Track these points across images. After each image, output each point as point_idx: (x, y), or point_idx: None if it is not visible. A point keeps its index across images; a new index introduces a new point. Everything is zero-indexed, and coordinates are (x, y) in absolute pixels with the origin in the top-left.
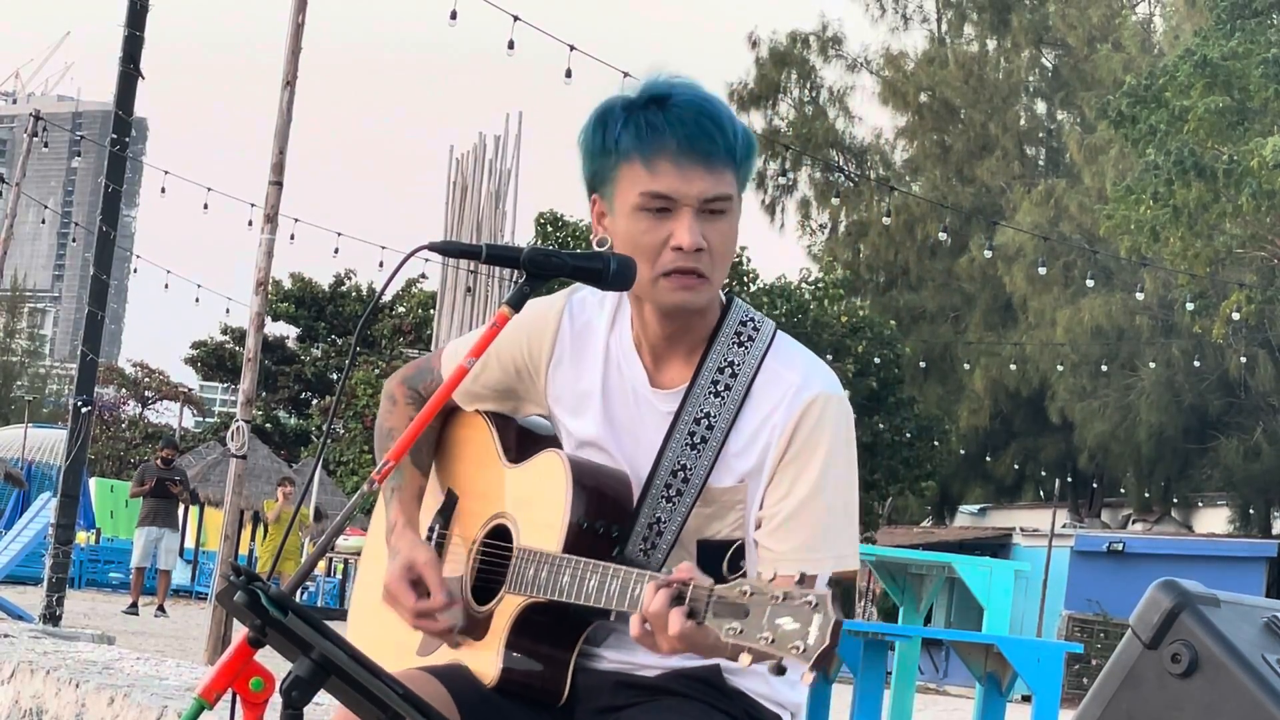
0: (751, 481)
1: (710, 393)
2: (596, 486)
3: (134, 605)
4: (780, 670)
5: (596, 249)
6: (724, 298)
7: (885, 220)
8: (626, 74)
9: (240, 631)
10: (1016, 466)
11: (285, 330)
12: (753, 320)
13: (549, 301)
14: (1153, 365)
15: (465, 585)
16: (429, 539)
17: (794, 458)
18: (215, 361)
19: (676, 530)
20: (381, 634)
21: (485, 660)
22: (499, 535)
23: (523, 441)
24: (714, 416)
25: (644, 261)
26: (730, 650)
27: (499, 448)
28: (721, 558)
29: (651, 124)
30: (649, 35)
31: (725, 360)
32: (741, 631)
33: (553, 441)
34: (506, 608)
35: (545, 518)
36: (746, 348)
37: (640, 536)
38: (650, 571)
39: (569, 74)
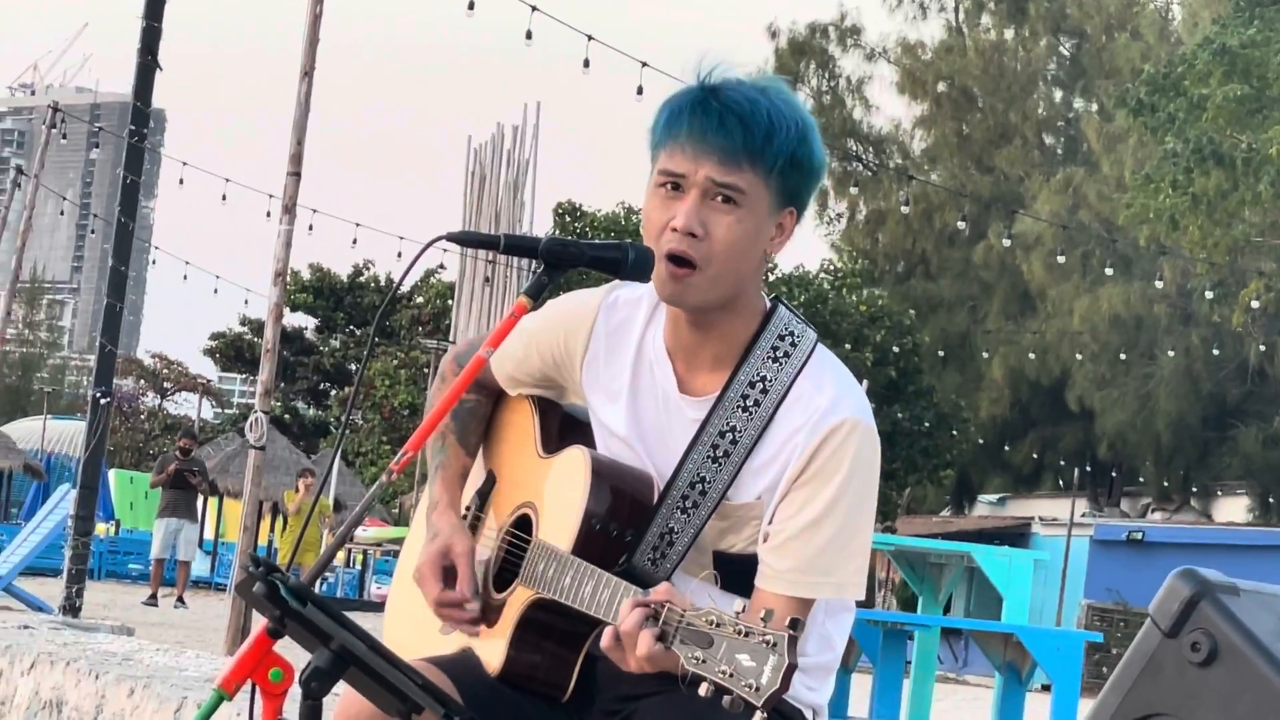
0: (768, 498)
1: (739, 406)
2: (616, 489)
3: (153, 596)
4: (735, 705)
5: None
6: (768, 304)
7: (904, 209)
8: (645, 64)
9: (260, 622)
10: (1035, 456)
11: (304, 321)
12: (793, 334)
13: (587, 295)
14: (1172, 354)
15: (490, 570)
16: (465, 517)
17: (809, 479)
18: (234, 352)
19: (688, 542)
20: (413, 607)
21: (493, 649)
22: (523, 525)
23: (563, 430)
24: (739, 431)
25: (651, 242)
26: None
27: (537, 436)
28: (739, 569)
29: (681, 111)
30: (667, 25)
31: (758, 374)
32: (703, 661)
33: (589, 434)
34: (517, 599)
35: (562, 514)
36: (781, 363)
37: (650, 545)
38: (637, 588)
39: (587, 64)
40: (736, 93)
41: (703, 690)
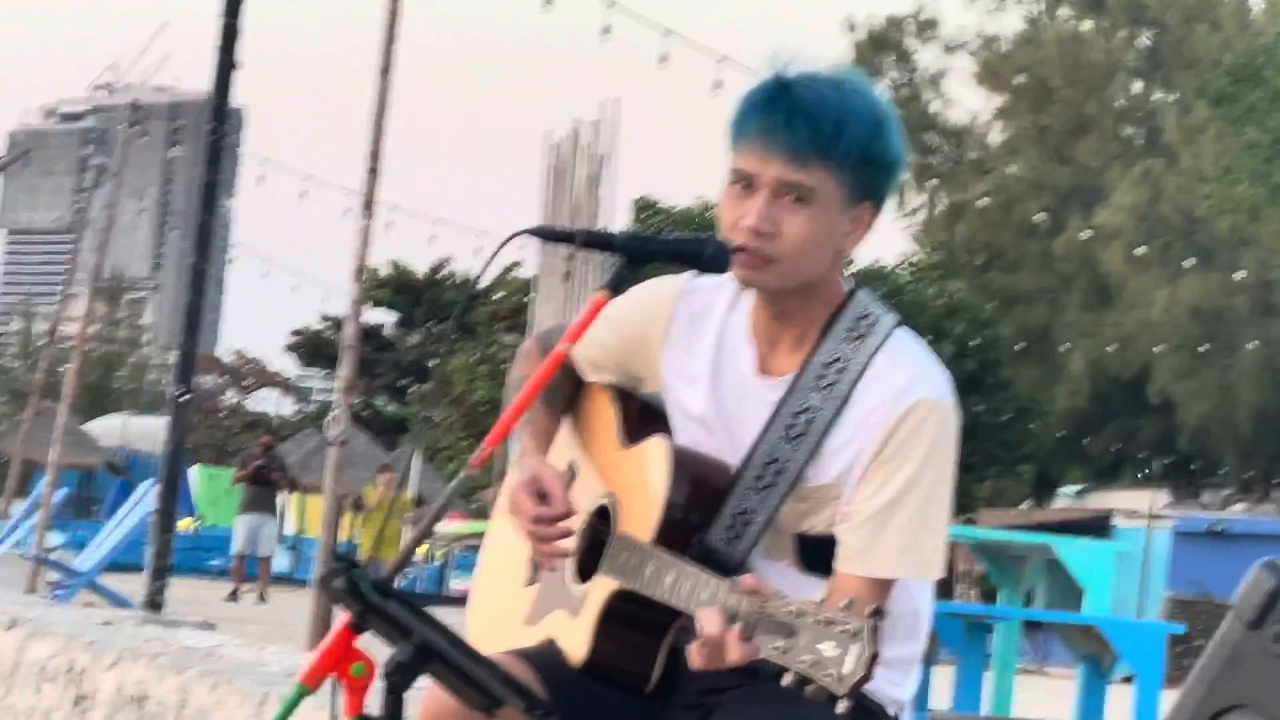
0: (845, 479)
1: (815, 386)
2: (696, 478)
3: (235, 592)
4: (818, 695)
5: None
6: (847, 290)
7: (982, 202)
8: (723, 57)
9: (341, 617)
10: (1115, 448)
11: (383, 317)
12: (870, 315)
13: (669, 281)
14: (1252, 345)
15: (572, 561)
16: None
17: (888, 459)
18: (313, 349)
19: (765, 522)
20: (496, 599)
21: (576, 639)
22: (604, 516)
23: (643, 422)
24: (815, 410)
25: (725, 233)
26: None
27: (618, 427)
28: (821, 551)
29: (752, 107)
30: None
31: (834, 355)
32: (786, 651)
33: (667, 424)
34: (600, 590)
35: (643, 506)
36: (858, 343)
37: (724, 525)
38: (717, 579)
39: (664, 59)
40: (807, 89)
41: (785, 680)
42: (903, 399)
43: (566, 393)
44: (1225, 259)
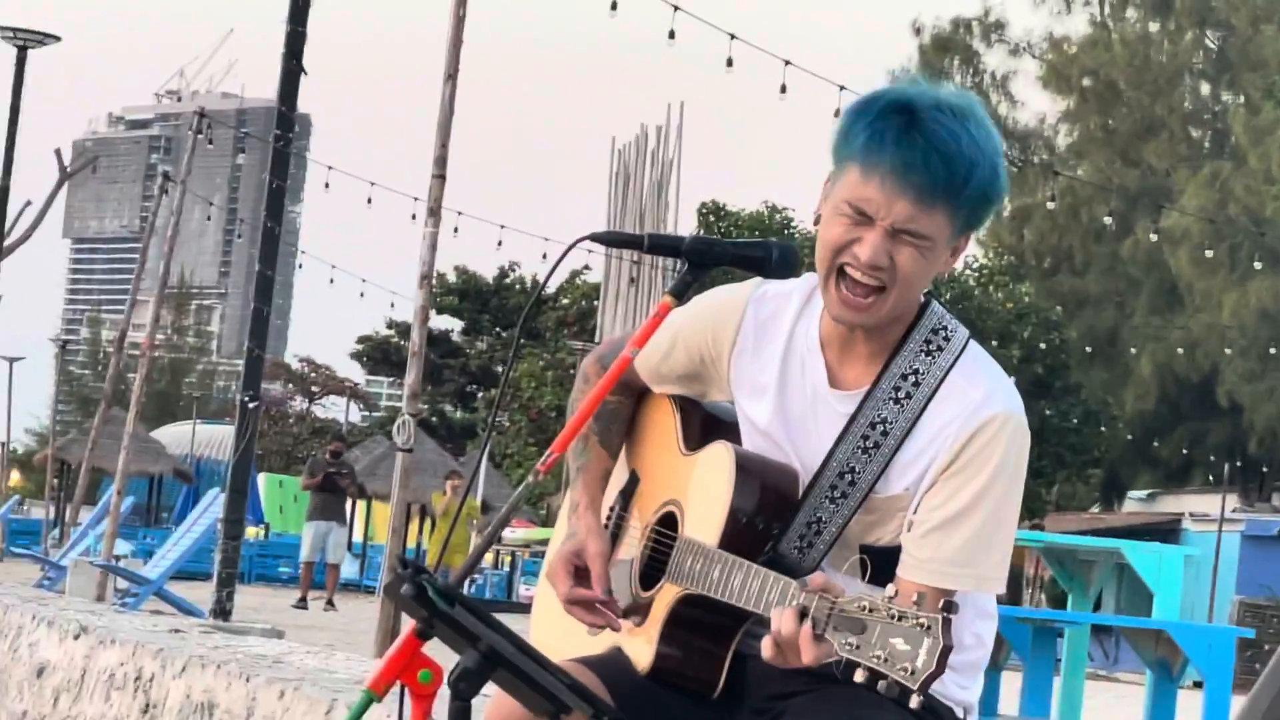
0: (914, 489)
1: (890, 398)
2: (761, 483)
3: (303, 599)
4: (890, 689)
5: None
6: (921, 299)
7: (1049, 204)
8: (788, 62)
9: (408, 624)
10: (1184, 451)
11: (450, 323)
12: (945, 329)
13: (736, 289)
14: None
15: (635, 569)
16: (609, 517)
17: (959, 470)
18: (380, 355)
19: (836, 532)
20: (559, 606)
21: (641, 647)
22: (667, 522)
23: (705, 429)
24: (890, 423)
25: (825, 256)
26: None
27: (680, 434)
28: (886, 561)
29: (883, 137)
30: (811, 23)
31: (910, 367)
32: (857, 647)
33: (733, 431)
34: (665, 596)
35: (708, 510)
36: (934, 357)
37: (797, 534)
38: (786, 578)
39: (730, 63)
40: (939, 125)
41: (858, 676)
42: (978, 414)
43: (625, 419)
44: None
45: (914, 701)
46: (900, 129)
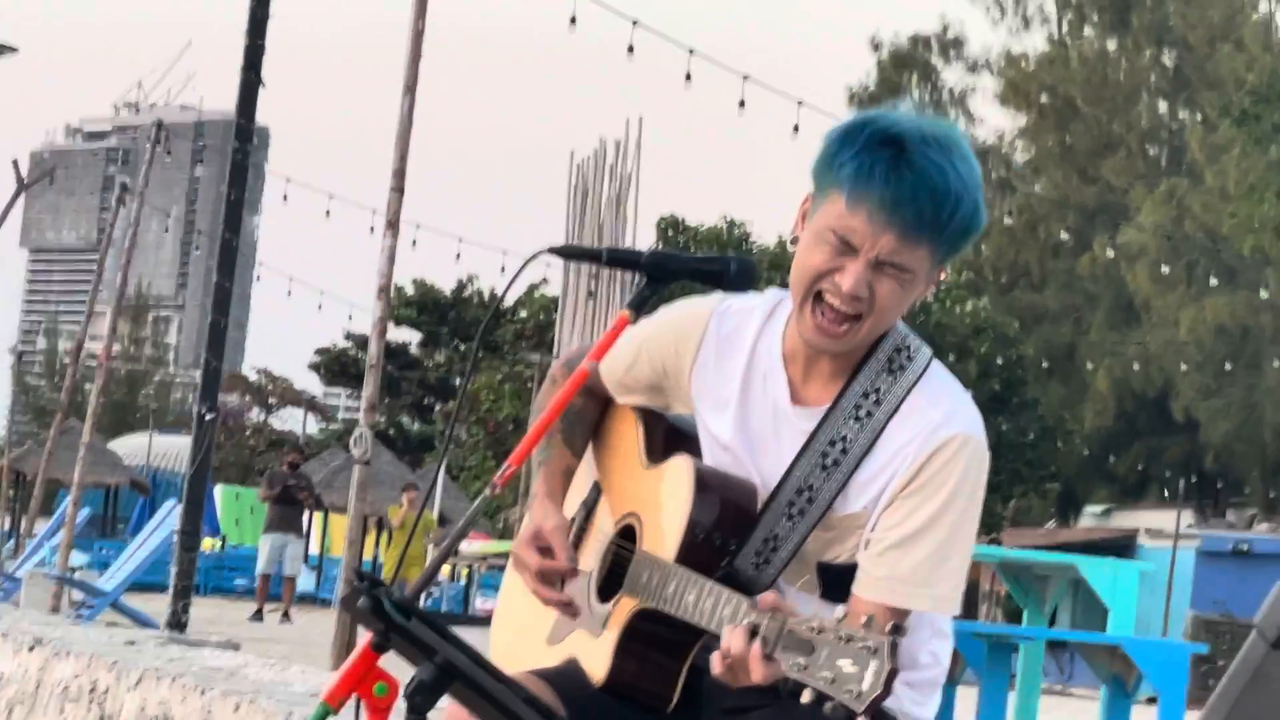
0: (872, 508)
1: (851, 416)
2: (720, 498)
3: (259, 612)
4: (836, 711)
5: (789, 240)
6: None
7: (1007, 220)
8: (747, 77)
9: (364, 637)
10: (1140, 467)
11: (408, 336)
12: (909, 348)
13: (700, 302)
14: (1277, 364)
15: (594, 581)
16: (570, 528)
17: (917, 490)
18: (338, 368)
19: (793, 549)
20: (519, 616)
21: (597, 659)
22: (627, 535)
23: (668, 441)
24: (850, 441)
25: (804, 281)
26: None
27: (642, 447)
28: (841, 579)
29: (872, 169)
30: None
31: (872, 386)
32: (805, 668)
33: (695, 444)
34: (622, 609)
35: (666, 524)
36: (896, 376)
37: (754, 550)
38: (739, 596)
39: (689, 78)
40: (927, 159)
41: (805, 697)
42: (938, 434)
43: (590, 422)
44: (1250, 278)
45: None
46: (889, 162)
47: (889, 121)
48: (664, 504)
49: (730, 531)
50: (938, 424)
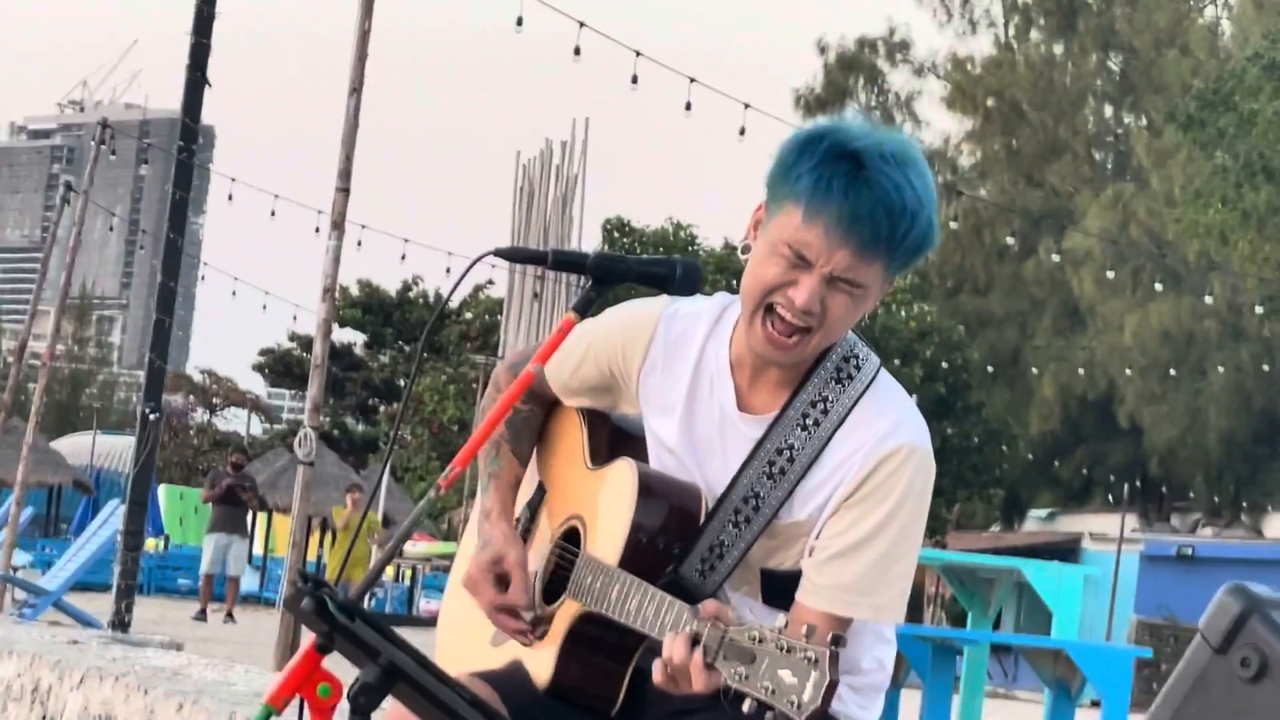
0: (817, 516)
1: (798, 425)
2: (664, 502)
3: (203, 612)
4: None
5: (740, 249)
6: None
7: (953, 224)
8: (694, 80)
9: (308, 638)
10: (1085, 471)
11: (353, 337)
12: (857, 357)
13: (648, 305)
14: (1222, 369)
15: (538, 582)
16: (516, 527)
17: (862, 499)
18: (283, 368)
19: (738, 557)
20: (465, 617)
21: (542, 661)
22: (571, 537)
23: (613, 443)
24: (797, 450)
25: (756, 292)
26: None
27: (586, 449)
28: (784, 585)
29: (830, 184)
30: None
31: (820, 395)
32: (746, 677)
33: (641, 446)
34: (566, 612)
35: (610, 527)
36: (844, 385)
37: (699, 558)
38: (681, 603)
39: (635, 80)
40: (886, 176)
41: (746, 706)
42: (884, 444)
43: (536, 428)
44: (1195, 283)
45: None
46: (847, 177)
47: (848, 135)
48: (608, 507)
49: (674, 536)
50: (884, 434)
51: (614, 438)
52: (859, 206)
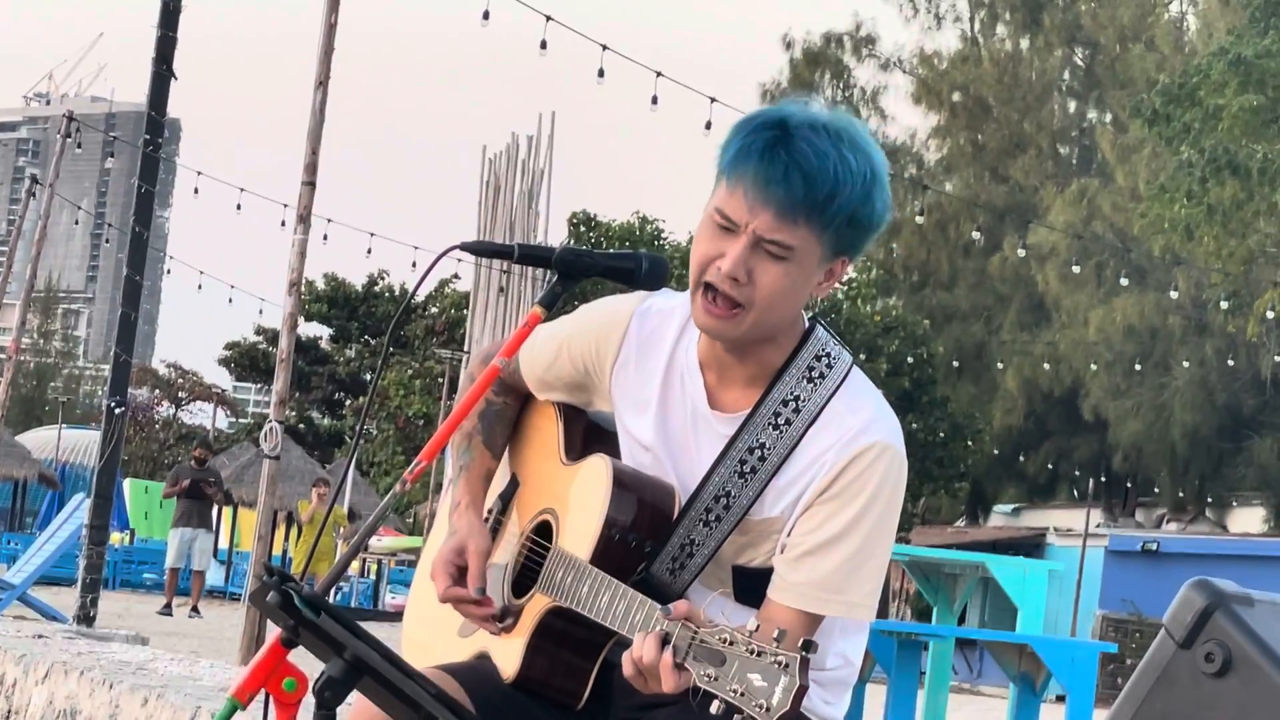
0: (789, 513)
1: (769, 424)
2: (637, 499)
3: (168, 606)
4: None
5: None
6: (806, 325)
7: (918, 219)
8: (659, 74)
9: (274, 632)
10: (1050, 466)
11: (318, 331)
12: (829, 355)
13: (621, 301)
14: (1186, 364)
15: (508, 575)
16: (487, 519)
17: (833, 497)
18: (248, 362)
19: (709, 555)
20: (433, 609)
21: (509, 654)
22: (543, 531)
23: (586, 439)
24: (768, 449)
25: (694, 269)
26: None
27: (561, 443)
28: (756, 583)
29: (750, 149)
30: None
31: (791, 394)
32: (715, 679)
33: (615, 442)
34: (535, 606)
35: (583, 523)
36: (816, 384)
37: (670, 556)
38: (653, 603)
39: (601, 74)
40: (808, 142)
41: (714, 708)
42: (856, 442)
43: (510, 420)
44: (1159, 278)
45: None
46: (766, 143)
47: (783, 110)
48: (581, 502)
49: (647, 533)
50: (856, 431)
51: (589, 433)
52: (774, 169)
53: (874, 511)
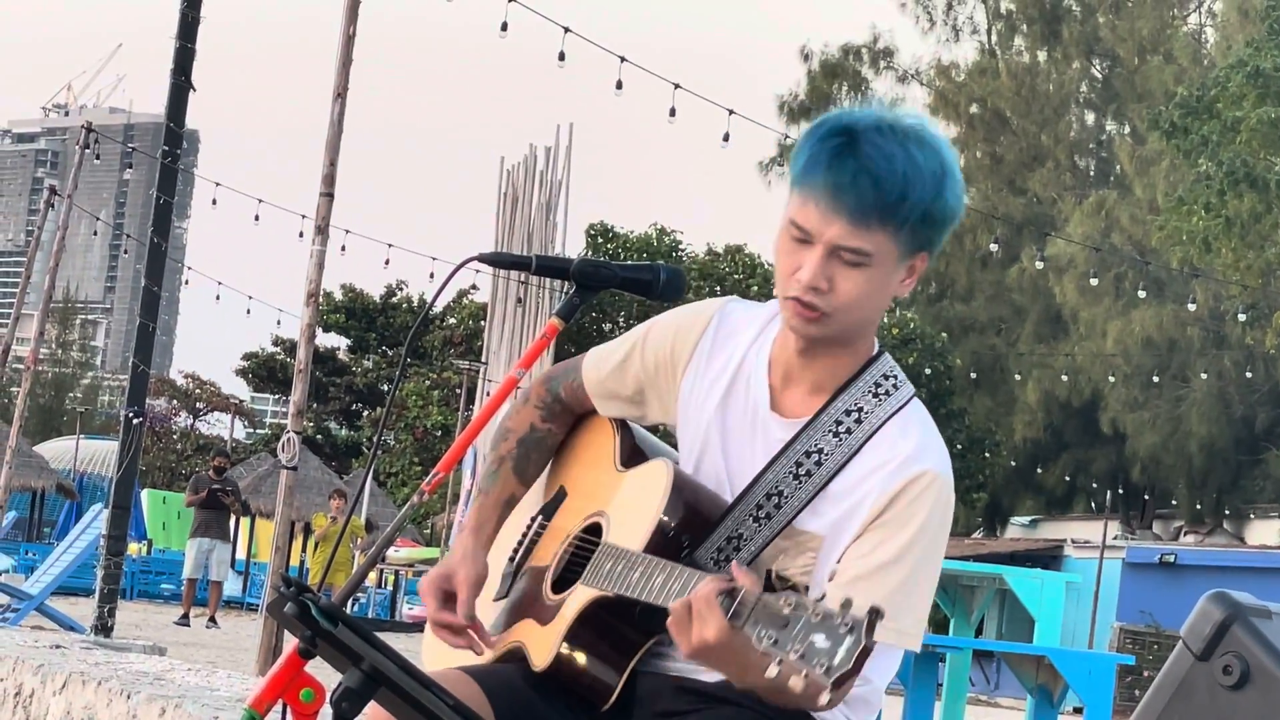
0: (831, 534)
1: (830, 431)
2: (692, 503)
3: (185, 616)
4: (800, 686)
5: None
6: (876, 347)
7: None
8: (677, 85)
9: (291, 643)
10: (1067, 478)
11: (336, 341)
12: (895, 377)
13: (706, 303)
14: (1204, 376)
15: (550, 574)
16: (528, 529)
17: (886, 523)
18: (266, 373)
19: (754, 552)
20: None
21: (543, 644)
22: (593, 531)
23: (640, 451)
24: (826, 455)
25: (779, 278)
26: (752, 666)
27: (616, 452)
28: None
29: (819, 159)
30: (701, 47)
31: (856, 404)
32: (776, 642)
33: (666, 454)
34: (578, 597)
35: (636, 519)
36: (880, 400)
37: (715, 546)
38: (708, 574)
39: (620, 86)
40: (875, 146)
41: (771, 670)
42: (909, 466)
43: (550, 448)
44: (1177, 291)
45: (823, 699)
46: (834, 151)
47: (849, 115)
48: (634, 502)
49: (699, 535)
50: (910, 456)
51: (642, 446)
52: (842, 176)
53: (924, 540)
